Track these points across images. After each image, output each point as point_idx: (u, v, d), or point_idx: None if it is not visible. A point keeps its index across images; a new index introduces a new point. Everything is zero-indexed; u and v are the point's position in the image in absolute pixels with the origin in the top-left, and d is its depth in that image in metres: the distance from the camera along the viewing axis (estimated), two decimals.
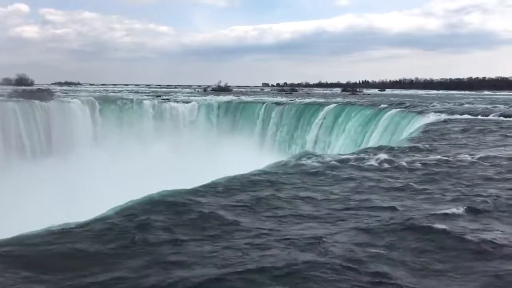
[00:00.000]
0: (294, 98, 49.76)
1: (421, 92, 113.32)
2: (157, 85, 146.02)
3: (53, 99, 38.05)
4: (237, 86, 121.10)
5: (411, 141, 14.62)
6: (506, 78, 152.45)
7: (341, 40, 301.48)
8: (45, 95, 39.33)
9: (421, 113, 26.08)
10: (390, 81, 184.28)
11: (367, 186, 8.08)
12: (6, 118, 30.73)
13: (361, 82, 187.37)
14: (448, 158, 10.81)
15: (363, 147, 17.18)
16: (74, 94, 47.74)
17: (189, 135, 40.79)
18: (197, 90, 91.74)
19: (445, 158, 10.75)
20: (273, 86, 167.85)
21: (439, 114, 25.04)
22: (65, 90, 64.40)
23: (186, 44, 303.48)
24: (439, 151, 11.93)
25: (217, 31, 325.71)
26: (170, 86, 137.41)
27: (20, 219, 11.80)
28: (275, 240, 5.09)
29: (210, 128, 42.21)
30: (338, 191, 7.62)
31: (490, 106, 32.57)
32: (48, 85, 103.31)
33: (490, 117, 23.27)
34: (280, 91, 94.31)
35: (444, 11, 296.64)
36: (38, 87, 61.54)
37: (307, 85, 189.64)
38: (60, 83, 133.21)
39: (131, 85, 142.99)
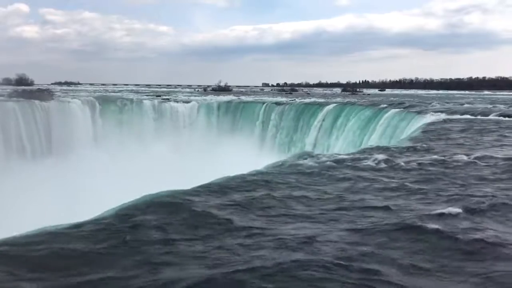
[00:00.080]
0: (294, 98, 49.80)
1: (421, 92, 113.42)
2: (157, 85, 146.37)
3: (53, 99, 38.11)
4: (237, 86, 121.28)
5: (409, 141, 14.64)
6: (506, 78, 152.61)
7: (341, 40, 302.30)
8: (45, 95, 39.38)
9: (420, 113, 26.09)
10: (390, 81, 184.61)
11: (362, 186, 8.10)
12: (6, 118, 30.76)
13: (361, 82, 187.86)
14: (444, 158, 10.84)
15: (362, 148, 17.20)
16: (74, 94, 47.79)
17: (189, 135, 40.81)
18: (197, 90, 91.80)
19: (441, 158, 10.77)
20: (273, 86, 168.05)
21: (439, 114, 25.05)
22: (65, 90, 64.56)
23: (186, 44, 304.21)
24: (436, 151, 11.95)
25: (217, 31, 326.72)
26: (170, 86, 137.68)
27: (20, 219, 11.86)
28: (267, 240, 5.13)
29: (210, 128, 42.21)
30: (333, 191, 7.65)
31: (490, 106, 32.58)
32: (48, 85, 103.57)
33: (489, 117, 23.27)
34: (280, 91, 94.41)
35: (444, 11, 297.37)
36: (38, 87, 61.67)
37: (307, 85, 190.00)
38: (60, 83, 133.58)
39: (131, 85, 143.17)
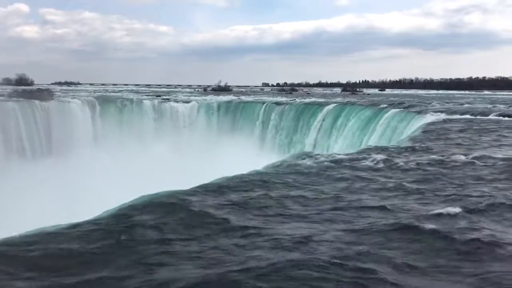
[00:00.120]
0: (294, 98, 49.77)
1: (421, 92, 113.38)
2: (157, 85, 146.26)
3: (53, 99, 38.11)
4: (237, 86, 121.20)
5: (409, 141, 14.65)
6: (506, 78, 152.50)
7: (341, 40, 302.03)
8: (45, 95, 39.37)
9: (420, 113, 26.07)
10: (390, 81, 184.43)
11: (360, 186, 8.12)
12: (6, 118, 30.76)
13: (361, 82, 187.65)
14: (443, 158, 10.84)
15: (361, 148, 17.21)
16: (74, 94, 47.80)
17: (189, 135, 40.79)
18: (197, 90, 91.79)
19: (440, 158, 10.78)
20: (273, 86, 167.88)
21: (439, 114, 25.01)
22: (65, 90, 64.58)
23: (186, 44, 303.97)
24: (435, 151, 11.95)
25: (217, 31, 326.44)
26: (170, 86, 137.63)
27: (20, 219, 11.86)
28: (263, 239, 5.14)
29: (210, 128, 42.18)
30: (330, 191, 7.66)
31: (490, 106, 32.57)
32: (48, 85, 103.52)
33: (489, 117, 23.27)
34: (280, 91, 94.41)
35: (444, 11, 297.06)
36: (38, 87, 61.60)
37: (307, 85, 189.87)
38: (60, 83, 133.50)
39: (131, 85, 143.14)
